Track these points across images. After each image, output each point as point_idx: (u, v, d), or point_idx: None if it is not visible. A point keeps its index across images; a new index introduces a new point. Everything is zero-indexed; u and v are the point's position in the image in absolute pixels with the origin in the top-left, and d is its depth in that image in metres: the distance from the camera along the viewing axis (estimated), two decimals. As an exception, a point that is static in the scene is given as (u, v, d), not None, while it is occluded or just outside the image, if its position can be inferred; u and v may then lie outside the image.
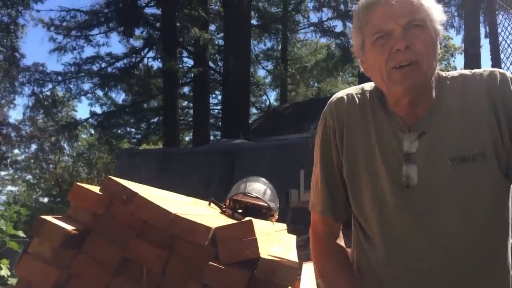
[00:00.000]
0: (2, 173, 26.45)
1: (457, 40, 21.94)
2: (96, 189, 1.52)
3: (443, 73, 1.22)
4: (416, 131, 1.16)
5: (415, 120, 1.17)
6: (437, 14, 1.14)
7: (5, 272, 4.40)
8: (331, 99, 1.32)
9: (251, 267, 1.38)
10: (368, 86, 1.29)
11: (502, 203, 1.16)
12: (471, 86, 1.17)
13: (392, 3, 1.09)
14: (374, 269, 1.24)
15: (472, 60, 10.58)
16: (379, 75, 1.15)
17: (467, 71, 1.21)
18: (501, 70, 1.18)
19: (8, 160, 22.24)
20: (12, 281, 4.19)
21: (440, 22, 1.15)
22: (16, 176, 28.64)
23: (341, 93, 1.31)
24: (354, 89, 1.31)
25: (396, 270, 1.20)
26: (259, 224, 1.66)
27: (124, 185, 1.45)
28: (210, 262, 1.36)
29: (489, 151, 1.11)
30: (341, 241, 1.36)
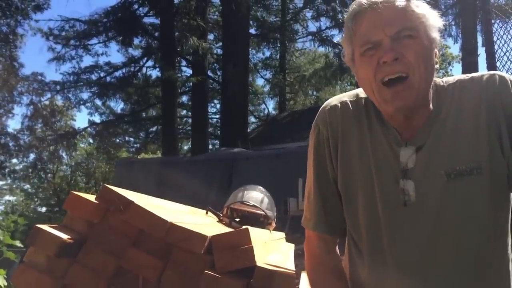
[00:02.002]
0: (0, 182, 26.40)
1: (454, 49, 21.95)
2: (92, 197, 1.51)
3: (440, 81, 1.15)
4: (413, 145, 1.11)
5: (412, 132, 1.12)
6: (433, 20, 1.07)
7: (1, 282, 4.36)
8: (323, 106, 1.25)
9: (248, 276, 1.37)
10: (363, 93, 1.21)
11: (501, 214, 1.11)
12: (469, 92, 1.11)
13: (379, 11, 1.03)
14: (363, 284, 1.21)
15: (470, 69, 10.60)
16: (369, 88, 1.09)
17: (464, 76, 1.15)
18: (500, 73, 1.12)
19: (6, 170, 22.16)
20: (9, 291, 4.16)
21: (436, 29, 1.08)
22: (14, 186, 28.58)
23: (335, 100, 1.24)
24: (348, 96, 1.24)
25: (386, 286, 1.15)
26: (256, 233, 1.65)
27: (120, 193, 1.45)
28: (206, 271, 1.35)
29: (486, 163, 1.06)
30: (336, 257, 1.29)
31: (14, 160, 22.87)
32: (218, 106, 21.35)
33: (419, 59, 1.03)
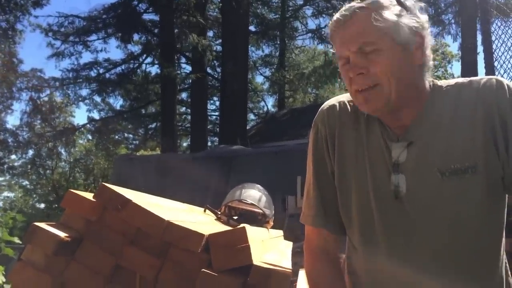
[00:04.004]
0: (-1, 178, 26.39)
1: (454, 47, 21.90)
2: (90, 196, 1.52)
3: (439, 82, 1.19)
4: (405, 140, 1.14)
5: (404, 128, 1.15)
6: (405, 22, 1.09)
7: (0, 278, 4.38)
8: (322, 106, 1.30)
9: (244, 274, 1.38)
10: None
11: (493, 214, 1.13)
12: (466, 94, 1.13)
13: (343, 30, 1.10)
14: (359, 278, 1.24)
15: (469, 67, 10.62)
16: (350, 94, 1.17)
17: (463, 80, 1.18)
18: (498, 78, 1.14)
19: (5, 166, 22.18)
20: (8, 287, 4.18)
21: (414, 27, 1.10)
22: (13, 182, 28.56)
23: (333, 100, 1.29)
24: (346, 97, 1.28)
25: (378, 283, 1.19)
26: (253, 231, 1.66)
27: (118, 192, 1.45)
28: (203, 269, 1.35)
29: (481, 163, 1.08)
30: (336, 256, 1.31)
31: (13, 156, 22.90)
32: (217, 103, 21.32)
33: (386, 71, 1.08)
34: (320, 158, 1.27)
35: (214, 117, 21.66)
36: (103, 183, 1.51)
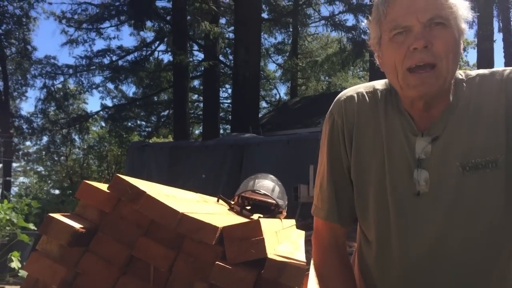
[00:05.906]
0: (14, 164, 26.74)
1: (470, 34, 21.59)
2: (104, 187, 1.52)
3: (460, 74, 1.15)
4: (429, 135, 1.11)
5: (428, 122, 1.11)
6: (463, 11, 1.06)
7: (16, 264, 4.45)
8: (339, 96, 1.25)
9: (258, 267, 1.37)
10: (379, 84, 1.22)
11: (510, 212, 1.10)
12: (488, 87, 1.10)
13: None
14: (371, 271, 1.23)
15: (485, 55, 10.45)
16: (394, 73, 1.07)
17: (485, 71, 1.15)
18: None
19: (20, 152, 22.48)
20: (23, 273, 4.24)
21: (465, 20, 1.07)
22: (28, 168, 28.99)
23: (351, 91, 1.24)
24: (364, 87, 1.24)
25: (393, 277, 1.17)
26: (267, 223, 1.64)
27: (132, 183, 1.45)
28: (217, 262, 1.35)
29: (502, 158, 1.06)
30: (345, 250, 1.31)
31: (28, 143, 23.19)
32: (229, 90, 21.34)
33: (448, 49, 1.03)
34: (335, 150, 1.23)
35: (226, 104, 21.71)
36: (117, 174, 1.51)
